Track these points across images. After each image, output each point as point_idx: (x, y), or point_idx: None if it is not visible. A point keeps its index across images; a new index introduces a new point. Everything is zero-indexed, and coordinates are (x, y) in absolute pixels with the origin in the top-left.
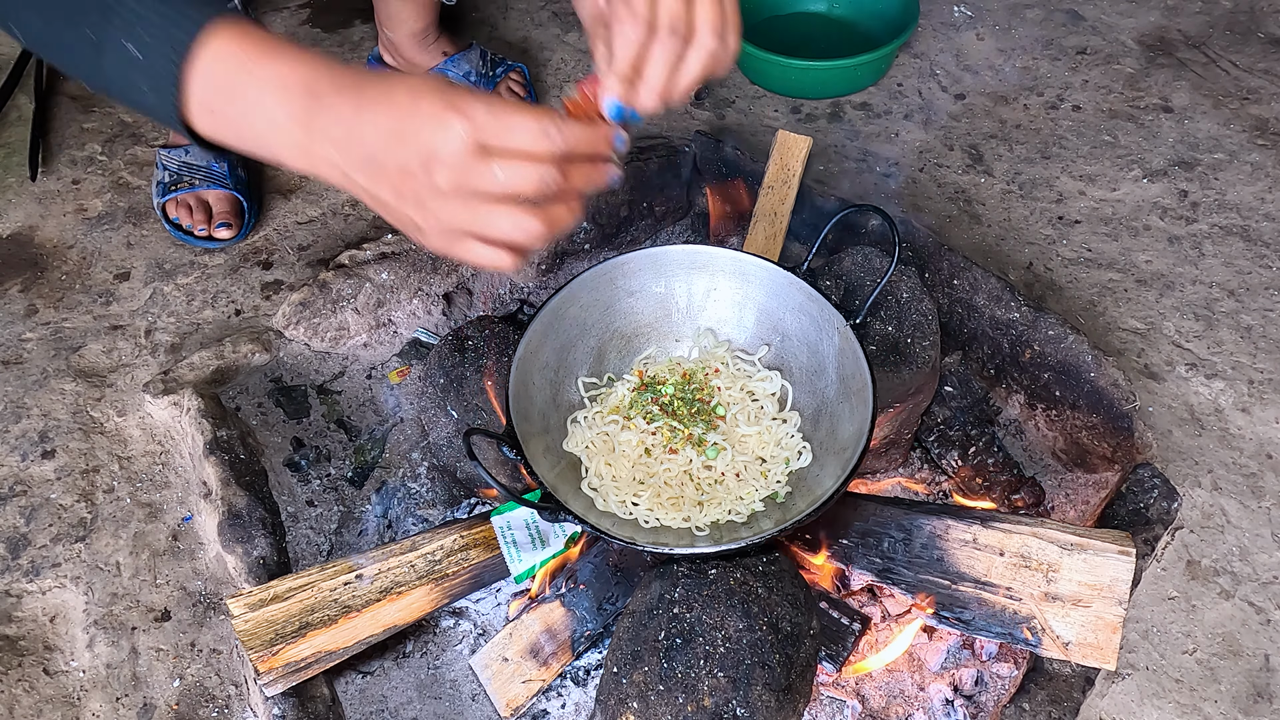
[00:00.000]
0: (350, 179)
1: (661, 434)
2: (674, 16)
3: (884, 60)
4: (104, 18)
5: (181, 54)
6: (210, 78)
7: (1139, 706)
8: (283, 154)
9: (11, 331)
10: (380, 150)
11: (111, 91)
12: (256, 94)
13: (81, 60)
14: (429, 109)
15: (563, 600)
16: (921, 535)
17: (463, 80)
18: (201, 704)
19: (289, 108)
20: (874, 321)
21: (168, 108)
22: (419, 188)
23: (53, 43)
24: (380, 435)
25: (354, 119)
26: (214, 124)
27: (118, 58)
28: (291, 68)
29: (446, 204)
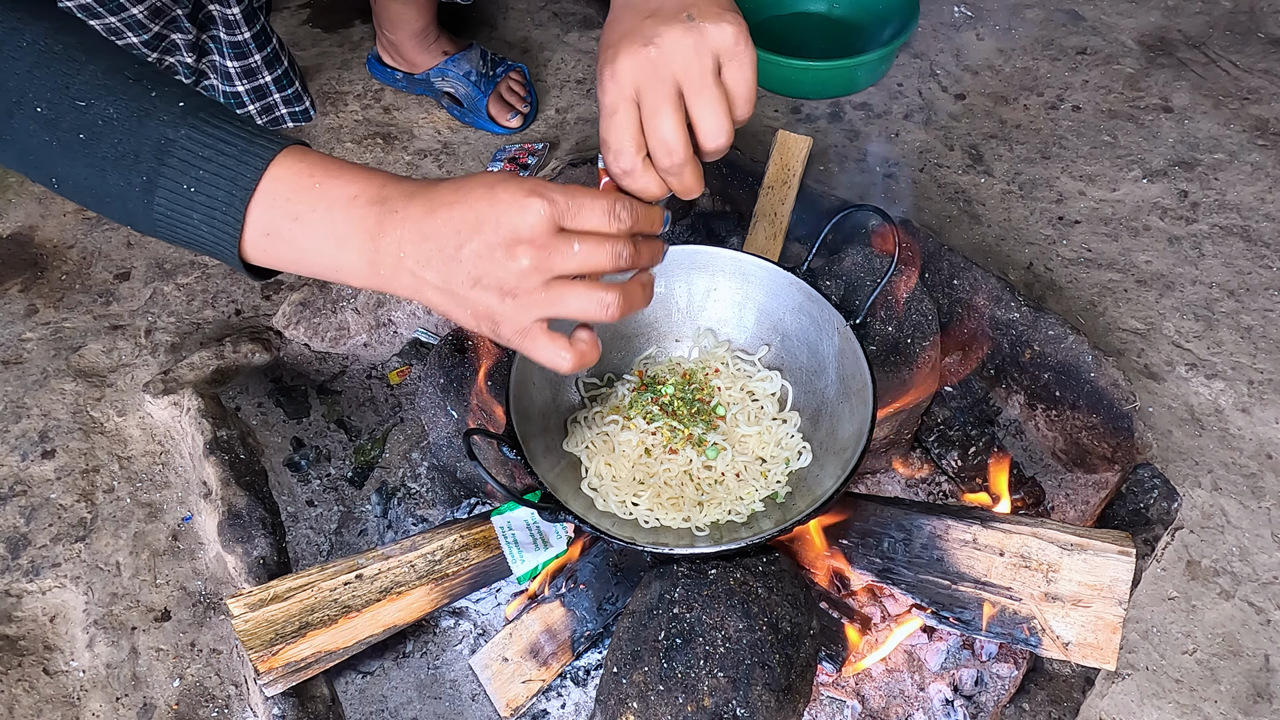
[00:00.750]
0: (420, 279)
1: (661, 434)
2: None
3: (884, 60)
4: (160, 160)
5: (248, 190)
6: (272, 205)
7: (1139, 706)
8: (346, 266)
9: (11, 331)
10: (457, 241)
11: (158, 230)
12: (324, 211)
13: (128, 203)
14: (508, 196)
15: (563, 600)
16: (921, 535)
17: (462, 80)
18: (201, 704)
19: (357, 219)
20: (874, 322)
21: (226, 241)
22: (500, 272)
23: (96, 189)
24: (380, 435)
25: (427, 219)
26: (270, 247)
27: (172, 198)
28: (359, 183)
29: (527, 286)
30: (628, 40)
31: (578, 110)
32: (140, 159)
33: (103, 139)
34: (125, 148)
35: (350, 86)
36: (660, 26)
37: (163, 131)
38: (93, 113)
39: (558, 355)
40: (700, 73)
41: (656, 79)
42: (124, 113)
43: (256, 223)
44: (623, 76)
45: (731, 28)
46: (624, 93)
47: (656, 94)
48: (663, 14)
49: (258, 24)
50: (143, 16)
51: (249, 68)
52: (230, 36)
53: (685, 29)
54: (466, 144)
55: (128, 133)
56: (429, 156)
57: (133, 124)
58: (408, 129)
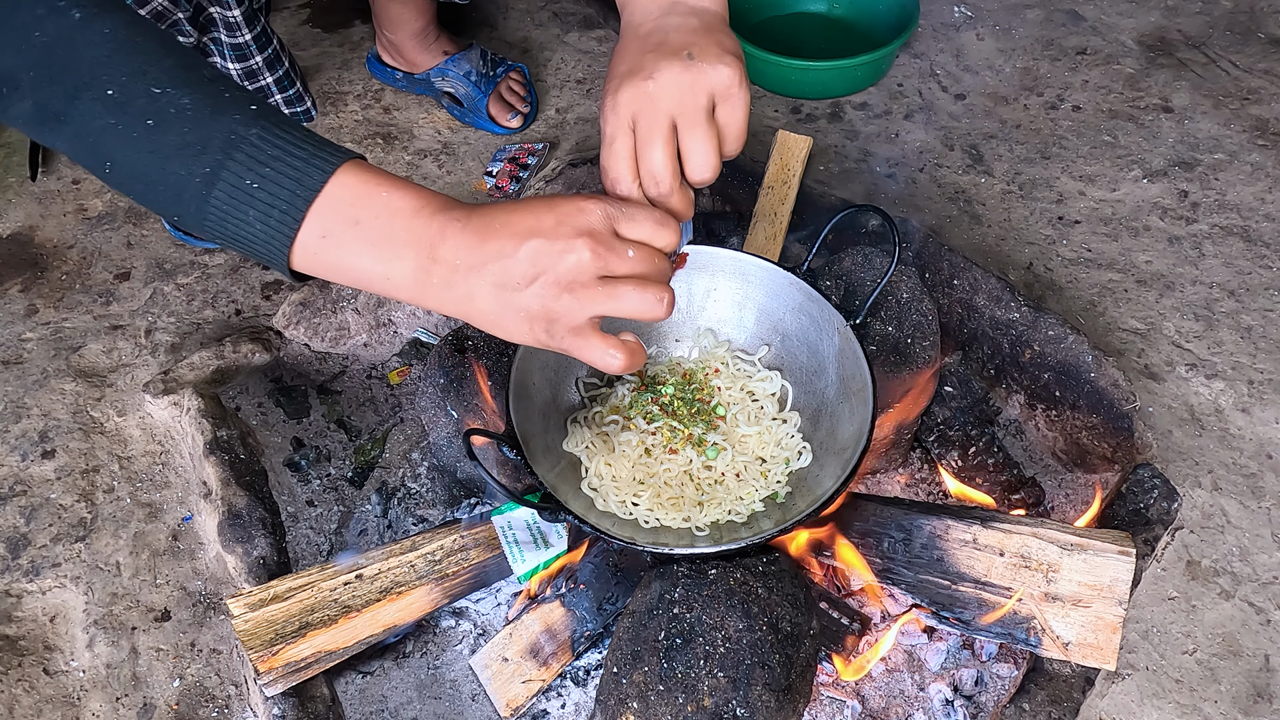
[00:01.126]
0: (472, 285)
1: (661, 434)
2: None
3: (884, 60)
4: (227, 154)
5: (313, 191)
6: (335, 208)
7: (1139, 707)
8: (397, 274)
9: (11, 331)
10: (518, 241)
11: (206, 223)
12: (386, 218)
13: (184, 193)
14: (568, 200)
15: (563, 600)
16: (921, 535)
17: (462, 80)
18: (201, 704)
19: (419, 229)
20: (874, 322)
21: (278, 241)
22: (560, 267)
23: (152, 177)
24: (380, 435)
25: (487, 227)
26: (322, 251)
27: (232, 191)
28: (424, 197)
29: (584, 280)
30: (630, 75)
31: (578, 110)
32: (207, 149)
33: (172, 127)
34: (194, 137)
35: (350, 86)
36: (661, 62)
37: (234, 127)
38: (166, 99)
39: (609, 354)
40: (694, 109)
41: (652, 111)
42: (198, 104)
43: (314, 225)
44: (622, 107)
45: (729, 70)
46: (622, 123)
47: (650, 126)
48: (665, 49)
49: (258, 25)
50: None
51: (250, 69)
52: (231, 39)
53: (684, 66)
54: (466, 144)
55: (199, 123)
56: (429, 156)
57: (205, 115)
58: (408, 129)
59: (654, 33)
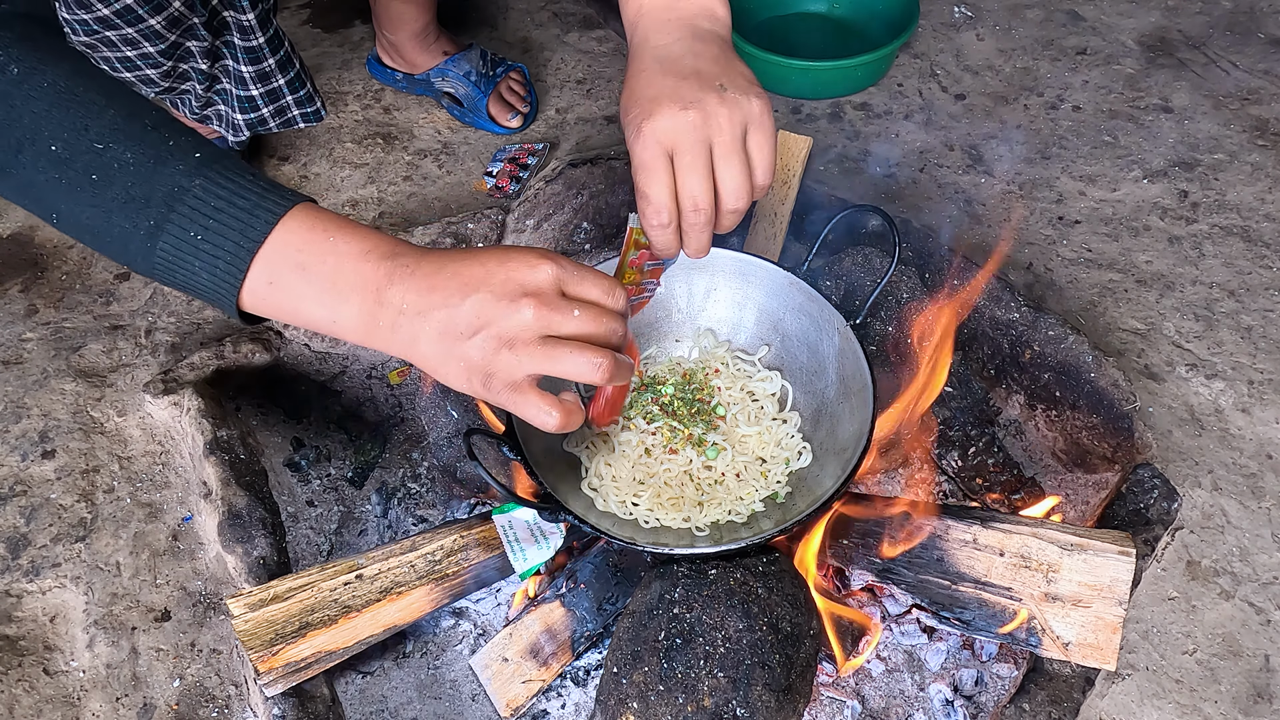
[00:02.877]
0: (417, 331)
1: (661, 434)
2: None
3: (884, 60)
4: (170, 207)
5: (256, 242)
6: (281, 256)
7: (1139, 707)
8: (344, 319)
9: (11, 331)
10: (464, 292)
11: (155, 272)
12: (334, 263)
13: (130, 245)
14: (519, 256)
15: (563, 600)
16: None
17: (462, 80)
18: (201, 704)
19: (366, 272)
20: (874, 322)
21: (225, 290)
22: (503, 322)
23: (98, 229)
24: (380, 435)
25: (437, 273)
26: (270, 296)
27: (177, 244)
28: (372, 241)
29: (525, 338)
30: (666, 100)
31: (578, 110)
32: (150, 204)
33: (115, 181)
34: (137, 192)
35: (350, 86)
36: (699, 93)
37: (177, 180)
38: (109, 156)
39: (546, 413)
40: (732, 139)
41: (693, 139)
42: (140, 158)
43: (260, 273)
44: (662, 134)
45: (759, 102)
46: (660, 149)
47: (693, 154)
48: (700, 79)
49: (271, 28)
50: (160, 27)
51: (263, 72)
52: (245, 42)
53: (721, 98)
54: (466, 144)
55: (141, 178)
56: (429, 157)
57: (147, 170)
58: (408, 129)
59: (679, 59)
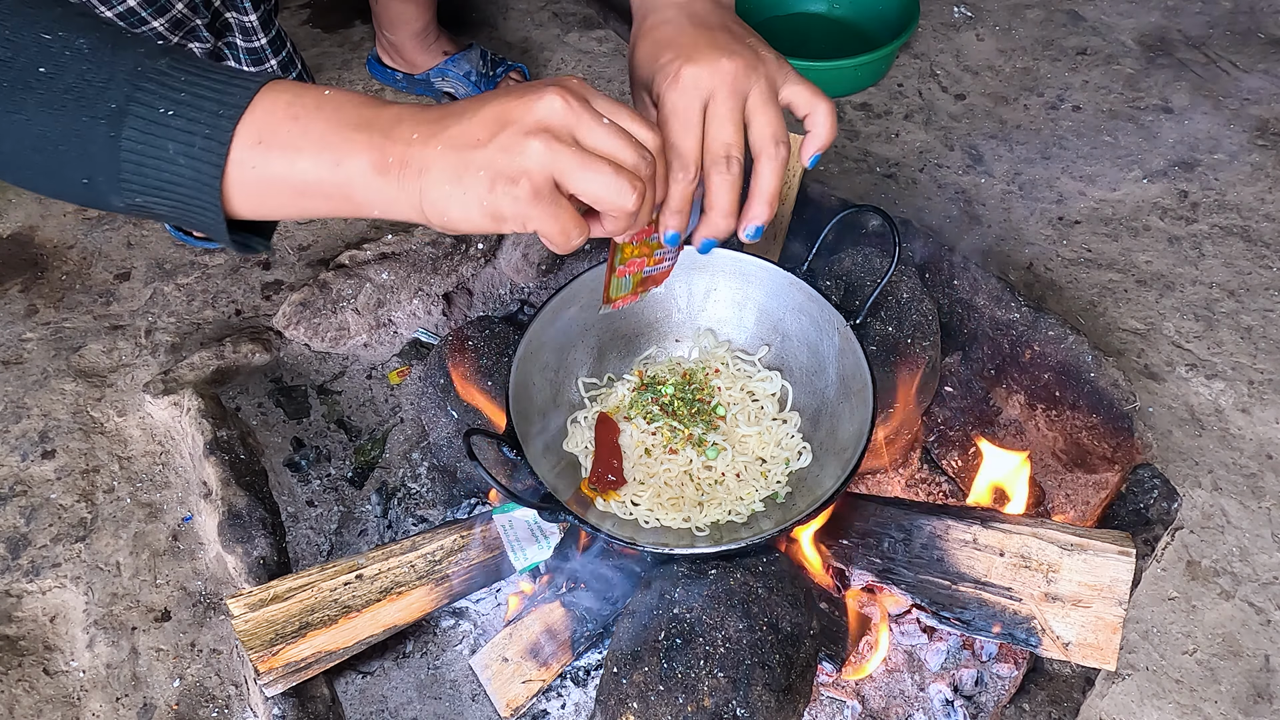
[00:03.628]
0: (426, 153)
1: (661, 434)
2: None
3: (884, 61)
4: (134, 85)
5: (238, 109)
6: (270, 113)
7: (1139, 707)
8: (350, 163)
9: (11, 331)
10: (480, 101)
11: (123, 174)
12: (331, 109)
13: (90, 144)
14: (538, 84)
15: (563, 600)
16: (921, 535)
17: (462, 80)
18: (201, 704)
19: (368, 114)
20: (874, 322)
21: (206, 174)
22: (527, 117)
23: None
24: (380, 435)
25: (447, 107)
26: (261, 161)
27: (145, 125)
28: (373, 97)
29: (555, 130)
30: (704, 47)
31: None
32: (111, 84)
33: (68, 69)
34: (94, 76)
35: (350, 87)
36: (736, 45)
37: (139, 60)
38: (59, 44)
39: (570, 227)
40: (768, 90)
41: (732, 87)
42: (97, 43)
43: (246, 135)
44: (703, 79)
45: (787, 67)
46: (696, 96)
47: (731, 102)
48: (730, 34)
49: (273, 29)
50: (163, 29)
51: (265, 73)
52: (247, 43)
53: (757, 54)
54: None
55: (99, 61)
56: None
57: (105, 53)
58: None
59: (705, 15)
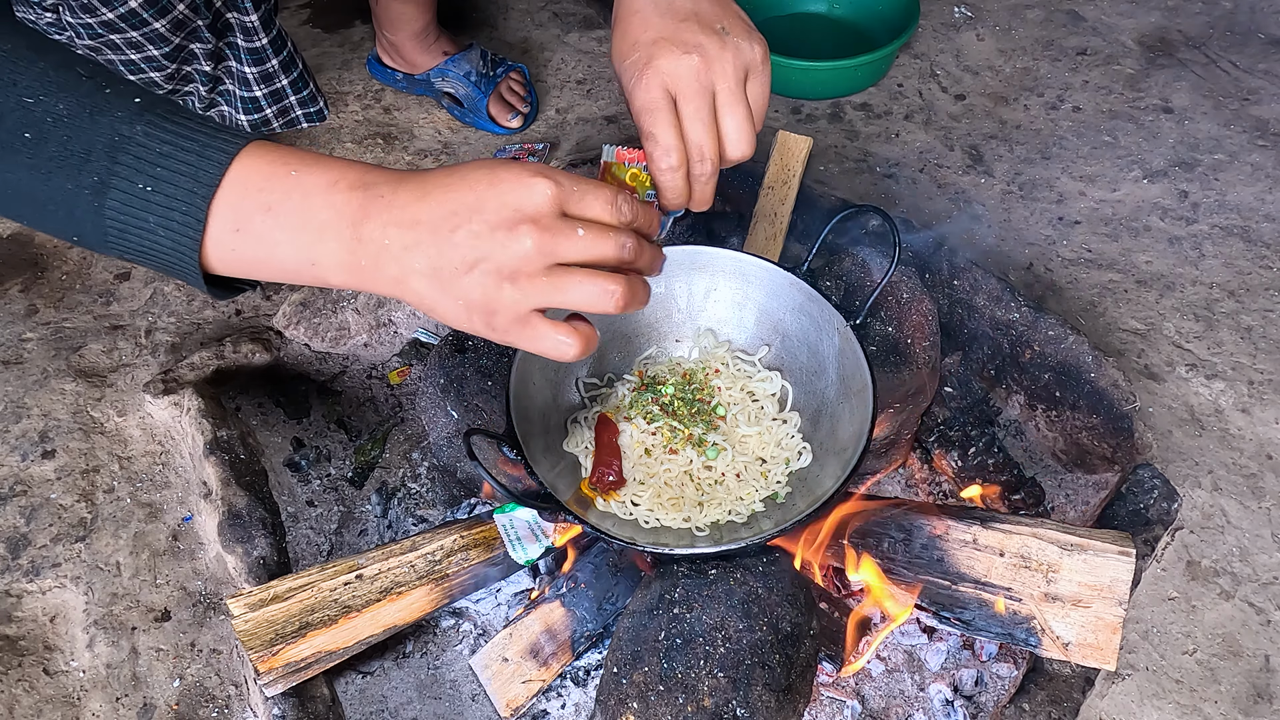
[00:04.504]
0: (406, 268)
1: (661, 434)
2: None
3: (884, 61)
4: (113, 158)
5: (211, 185)
6: (243, 196)
7: (1139, 707)
8: (324, 259)
9: (11, 331)
10: (454, 223)
11: (109, 239)
12: (300, 199)
13: (76, 209)
14: (511, 176)
15: (563, 600)
16: (921, 536)
17: (462, 80)
18: (201, 704)
19: (339, 204)
20: (874, 322)
21: (185, 246)
22: (501, 254)
23: (40, 195)
24: (380, 435)
25: (418, 202)
26: (239, 246)
27: (126, 199)
28: (338, 170)
29: (529, 270)
30: (666, 43)
31: (578, 110)
32: (91, 157)
33: (50, 137)
34: (75, 146)
35: (350, 87)
36: (700, 36)
37: (116, 128)
38: (41, 109)
39: (561, 342)
40: (735, 85)
41: (697, 85)
42: (75, 109)
43: (223, 219)
44: (666, 76)
45: (760, 47)
46: (661, 92)
47: (697, 101)
48: (699, 21)
49: (274, 29)
50: (165, 30)
51: (266, 73)
52: (248, 43)
53: (723, 42)
54: (467, 144)
55: (78, 130)
56: (429, 157)
57: (84, 120)
58: (408, 129)
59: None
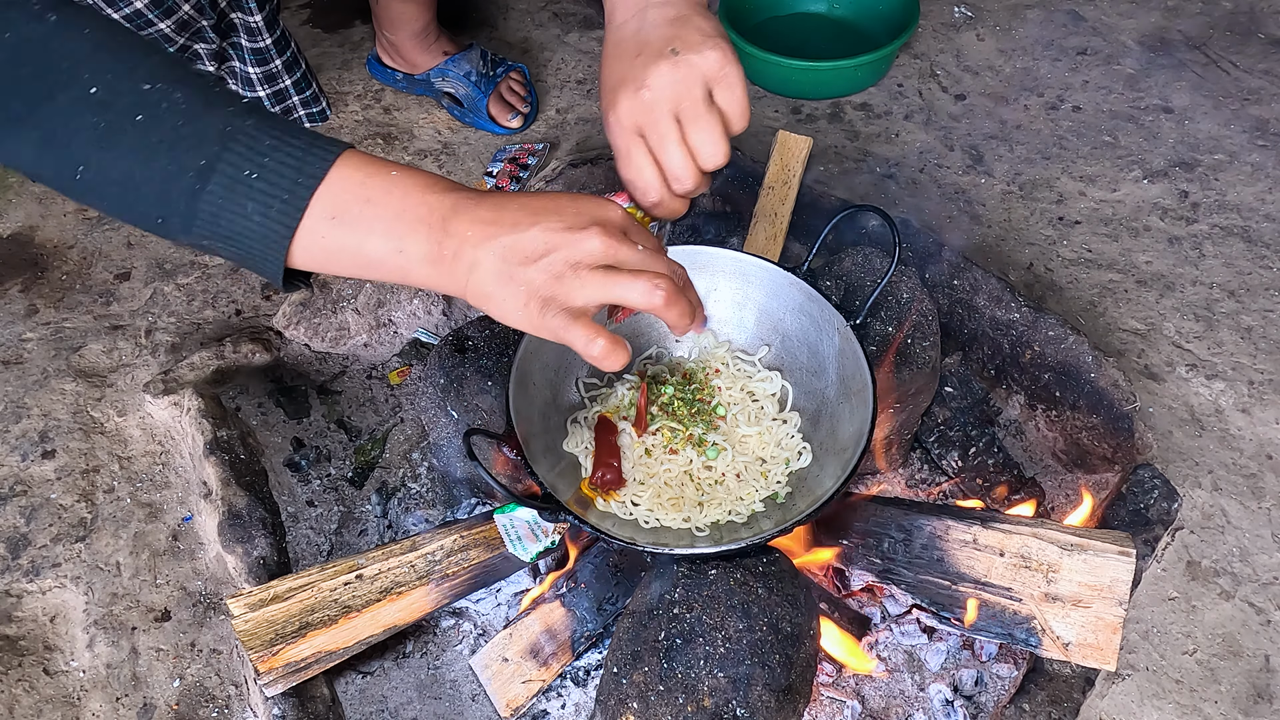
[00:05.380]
0: (479, 259)
1: (662, 434)
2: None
3: (884, 61)
4: (224, 145)
5: (316, 178)
6: (345, 189)
7: (1139, 707)
8: (411, 250)
9: (12, 331)
10: (532, 219)
11: (196, 221)
12: (399, 195)
13: (172, 191)
14: (589, 197)
15: (563, 600)
16: (921, 536)
17: (462, 80)
18: (201, 704)
19: (432, 203)
20: (874, 322)
21: (277, 234)
22: (569, 250)
23: (134, 176)
24: (380, 435)
25: (503, 205)
26: (330, 234)
27: (229, 184)
28: (433, 177)
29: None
30: (624, 86)
31: (578, 110)
32: (204, 141)
33: (163, 120)
34: (187, 130)
35: (350, 87)
36: (650, 67)
37: (229, 119)
38: (158, 94)
39: (593, 342)
40: (692, 103)
41: (654, 118)
42: (190, 97)
43: (322, 208)
44: (626, 121)
45: (715, 53)
46: (630, 134)
47: (658, 131)
48: (649, 52)
49: (278, 29)
50: (170, 31)
51: (270, 73)
52: (252, 43)
53: (672, 64)
54: (467, 144)
55: (193, 115)
56: (429, 156)
57: (199, 108)
58: (408, 129)
59: (636, 34)
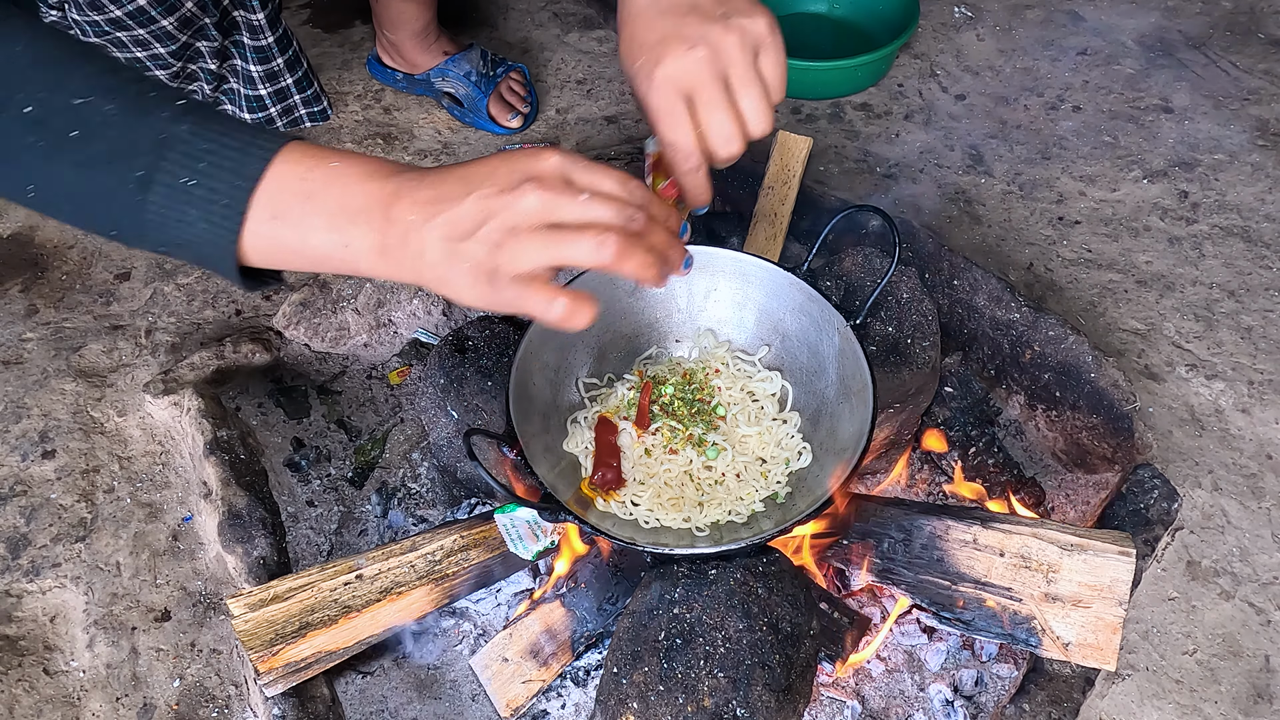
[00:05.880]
0: (424, 243)
1: (662, 434)
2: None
3: (884, 61)
4: (159, 154)
5: (253, 179)
6: (283, 186)
7: (1139, 707)
8: (356, 242)
9: (12, 331)
10: (466, 189)
11: (146, 231)
12: (340, 187)
13: (116, 203)
14: (525, 150)
15: (563, 600)
16: (921, 536)
17: (462, 80)
18: (201, 704)
19: (373, 191)
20: (874, 322)
21: (223, 237)
22: (505, 213)
23: (82, 191)
24: (380, 435)
25: (442, 182)
26: (275, 232)
27: (169, 193)
28: (374, 163)
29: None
30: (671, 42)
31: (578, 110)
32: (138, 152)
33: (98, 135)
34: (122, 143)
35: (350, 87)
36: (703, 27)
37: (163, 126)
38: (89, 109)
39: (551, 304)
40: (745, 68)
41: (707, 77)
42: (123, 108)
43: (262, 208)
44: (677, 78)
45: (764, 19)
46: (674, 93)
47: (710, 92)
48: (698, 13)
49: (280, 28)
50: (172, 28)
51: (271, 71)
52: (254, 41)
53: (726, 27)
54: (467, 144)
55: (126, 127)
56: (429, 156)
57: (132, 119)
58: (408, 129)
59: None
